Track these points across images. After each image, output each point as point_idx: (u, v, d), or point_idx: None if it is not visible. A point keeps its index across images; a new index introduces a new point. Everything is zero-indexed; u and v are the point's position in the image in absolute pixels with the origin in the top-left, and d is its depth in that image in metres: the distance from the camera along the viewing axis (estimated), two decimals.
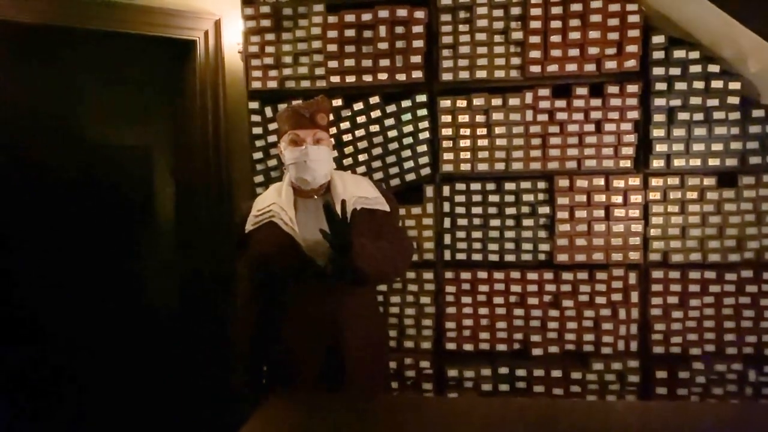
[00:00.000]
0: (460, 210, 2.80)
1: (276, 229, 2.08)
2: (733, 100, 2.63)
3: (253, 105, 2.88)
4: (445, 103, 2.76)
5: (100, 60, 2.93)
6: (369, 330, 2.21)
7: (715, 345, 2.70)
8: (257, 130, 2.88)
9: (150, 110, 3.07)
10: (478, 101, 2.74)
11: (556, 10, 2.66)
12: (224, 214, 3.09)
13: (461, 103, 2.75)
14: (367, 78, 2.79)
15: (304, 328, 2.11)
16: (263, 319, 2.18)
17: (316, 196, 2.17)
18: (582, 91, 2.69)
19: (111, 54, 2.93)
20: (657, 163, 2.69)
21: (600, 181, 2.71)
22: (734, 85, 2.62)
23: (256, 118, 2.88)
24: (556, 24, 2.66)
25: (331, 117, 2.45)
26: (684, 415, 1.77)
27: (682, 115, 2.64)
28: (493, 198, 2.78)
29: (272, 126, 2.87)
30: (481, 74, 2.74)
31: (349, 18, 2.76)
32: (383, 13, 2.73)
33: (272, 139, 2.87)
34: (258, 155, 2.89)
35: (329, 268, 2.02)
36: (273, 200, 2.14)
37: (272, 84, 2.87)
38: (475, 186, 2.78)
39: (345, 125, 2.80)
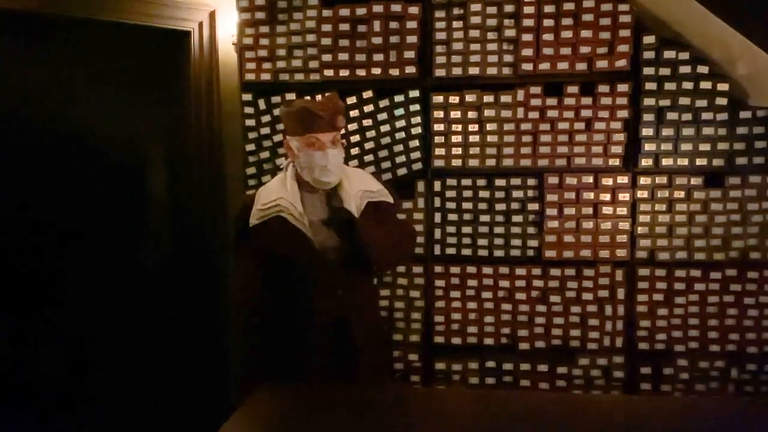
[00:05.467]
0: (451, 205, 2.82)
1: (285, 224, 2.08)
2: (722, 101, 2.66)
3: (247, 97, 2.89)
4: (438, 99, 2.78)
5: (93, 49, 2.91)
6: (374, 320, 2.30)
7: (699, 342, 2.74)
8: (250, 122, 2.89)
9: (144, 101, 3.06)
10: (470, 98, 2.76)
11: (549, 8, 2.68)
12: (217, 206, 3.09)
13: (453, 99, 2.77)
14: (361, 72, 2.80)
15: (312, 319, 2.13)
16: (265, 307, 2.18)
17: (321, 190, 2.18)
18: (573, 89, 2.72)
19: (104, 43, 2.91)
20: (645, 162, 2.72)
21: (589, 179, 2.73)
22: (723, 87, 2.65)
23: (249, 110, 2.89)
24: (548, 22, 2.68)
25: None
26: (667, 411, 1.80)
27: (671, 115, 2.67)
28: (484, 194, 2.80)
29: (265, 118, 2.88)
30: (474, 71, 2.76)
31: (344, 12, 2.77)
32: (378, 8, 2.74)
33: (265, 131, 2.89)
34: (250, 147, 2.90)
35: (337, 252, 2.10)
36: (279, 194, 2.13)
37: (266, 76, 2.87)
38: (466, 182, 2.81)
39: None
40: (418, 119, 2.81)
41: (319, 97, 2.76)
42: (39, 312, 2.81)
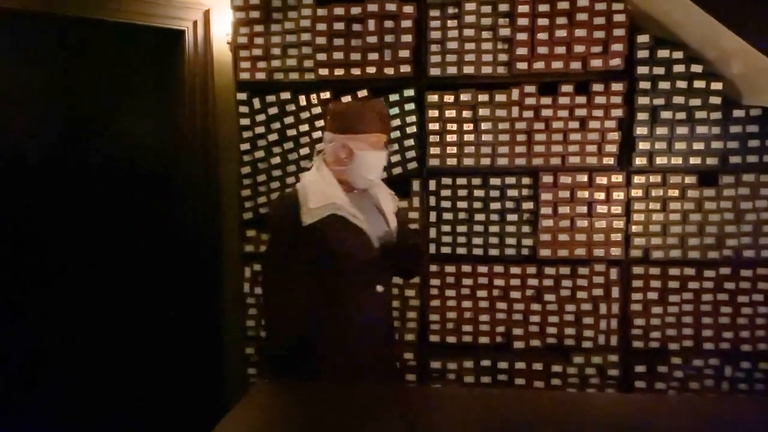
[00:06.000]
0: (446, 204, 2.83)
1: (345, 223, 2.01)
2: (715, 100, 2.67)
3: (242, 96, 2.89)
4: (433, 98, 2.78)
5: (88, 48, 2.91)
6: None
7: (694, 340, 2.75)
8: (245, 121, 2.89)
9: (138, 100, 3.06)
10: (465, 97, 2.76)
11: (544, 7, 2.68)
12: (213, 205, 3.09)
13: (448, 98, 2.77)
14: (356, 71, 2.80)
15: (359, 318, 2.07)
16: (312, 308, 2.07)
17: (356, 190, 2.12)
18: (568, 88, 2.72)
19: (99, 42, 2.91)
20: (640, 161, 2.73)
21: (583, 178, 2.74)
22: (716, 86, 2.66)
23: (244, 109, 2.89)
24: (543, 22, 2.69)
25: None
26: (661, 409, 1.81)
27: (665, 114, 2.68)
28: (479, 193, 2.81)
29: (260, 117, 2.88)
30: (469, 70, 2.76)
31: (339, 11, 2.77)
32: (372, 7, 2.74)
33: (259, 130, 2.88)
34: (245, 146, 2.90)
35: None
36: (332, 192, 2.02)
37: (261, 75, 2.87)
38: (461, 181, 2.81)
39: None
40: (413, 118, 2.81)
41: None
42: (37, 312, 2.81)
